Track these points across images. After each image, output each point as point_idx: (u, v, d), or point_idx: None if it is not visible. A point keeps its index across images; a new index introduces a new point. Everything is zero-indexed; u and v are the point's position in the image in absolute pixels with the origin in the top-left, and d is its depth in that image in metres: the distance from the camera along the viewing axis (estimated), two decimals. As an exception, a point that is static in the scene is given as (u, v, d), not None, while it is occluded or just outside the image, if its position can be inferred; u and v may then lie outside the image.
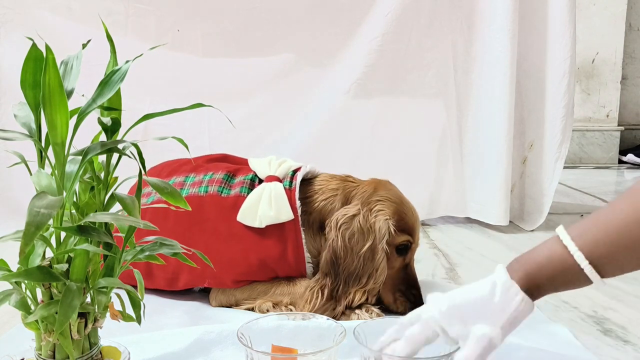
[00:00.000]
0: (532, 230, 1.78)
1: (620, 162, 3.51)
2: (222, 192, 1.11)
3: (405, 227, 1.07)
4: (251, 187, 1.11)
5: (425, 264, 1.43)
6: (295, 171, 1.13)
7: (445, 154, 1.85)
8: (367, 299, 1.05)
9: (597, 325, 1.04)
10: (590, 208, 2.16)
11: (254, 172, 1.14)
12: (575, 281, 0.68)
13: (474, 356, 0.67)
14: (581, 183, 2.75)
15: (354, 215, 1.05)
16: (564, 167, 1.78)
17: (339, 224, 1.04)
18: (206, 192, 1.11)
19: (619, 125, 3.52)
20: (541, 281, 0.69)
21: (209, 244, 1.07)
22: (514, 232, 1.77)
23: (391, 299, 1.09)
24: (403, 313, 1.07)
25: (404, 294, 1.08)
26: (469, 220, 1.88)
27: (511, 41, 1.68)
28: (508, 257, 1.54)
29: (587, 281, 0.67)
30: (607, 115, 3.51)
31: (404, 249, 1.08)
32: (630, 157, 3.47)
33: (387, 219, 1.04)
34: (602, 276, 0.66)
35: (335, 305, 1.03)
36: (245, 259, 1.07)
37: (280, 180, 1.11)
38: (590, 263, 0.65)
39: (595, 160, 3.49)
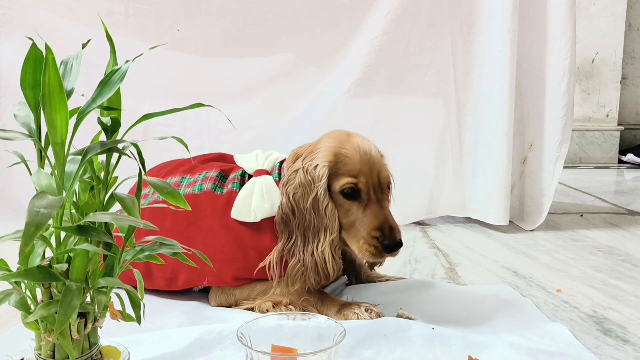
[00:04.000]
0: (532, 230, 1.78)
1: (620, 162, 3.51)
2: (215, 189, 1.12)
3: (346, 170, 1.01)
4: (242, 183, 1.12)
5: (425, 264, 1.43)
6: (282, 162, 1.14)
7: (445, 153, 1.85)
8: (334, 252, 1.01)
9: (597, 325, 1.04)
10: (590, 208, 2.17)
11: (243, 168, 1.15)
12: None
13: None
14: (581, 183, 2.76)
15: (296, 171, 1.04)
16: (564, 167, 1.78)
17: (284, 183, 1.04)
18: (201, 190, 1.12)
19: (619, 125, 3.53)
20: None
21: (207, 243, 1.07)
22: (514, 232, 1.77)
23: (357, 248, 1.01)
24: (372, 261, 1.05)
25: (368, 241, 1.00)
26: (469, 220, 1.88)
27: (511, 41, 1.68)
28: (508, 257, 1.55)
29: None
30: (607, 115, 3.51)
31: (353, 193, 1.01)
32: (630, 157, 3.48)
33: (323, 166, 1.01)
34: None
35: (303, 262, 1.00)
36: (244, 255, 1.07)
37: (269, 173, 1.11)
38: None
39: (595, 160, 3.49)
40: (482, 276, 1.35)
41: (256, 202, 1.06)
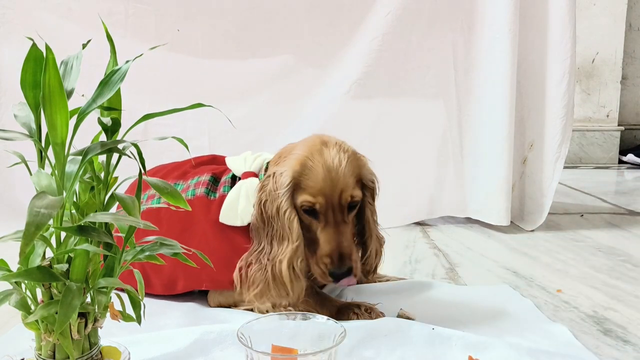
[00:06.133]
0: (532, 230, 1.78)
1: (620, 162, 3.51)
2: (208, 194, 1.11)
3: (307, 186, 0.97)
4: (232, 185, 1.11)
5: (425, 264, 1.43)
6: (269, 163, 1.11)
7: (446, 154, 1.85)
8: (295, 264, 0.97)
9: (597, 325, 1.04)
10: (590, 208, 2.17)
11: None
12: None
13: None
14: (581, 183, 2.75)
15: (269, 176, 1.01)
16: (564, 167, 1.78)
17: (259, 188, 1.02)
18: (194, 195, 1.12)
19: (619, 125, 3.52)
20: None
21: (201, 247, 1.06)
22: (514, 232, 1.77)
23: (311, 266, 0.98)
24: (323, 283, 1.00)
25: (319, 264, 0.97)
26: (469, 220, 1.88)
27: (511, 41, 1.68)
28: (508, 257, 1.55)
29: None
30: (607, 115, 3.51)
31: (311, 211, 0.97)
32: (630, 157, 3.47)
33: (288, 174, 0.97)
34: None
35: (264, 269, 0.98)
36: (239, 259, 1.06)
37: (256, 175, 1.10)
38: None
39: (595, 160, 3.49)
40: (482, 276, 1.35)
41: (242, 206, 1.05)
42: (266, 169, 1.10)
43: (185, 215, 1.10)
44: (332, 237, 0.97)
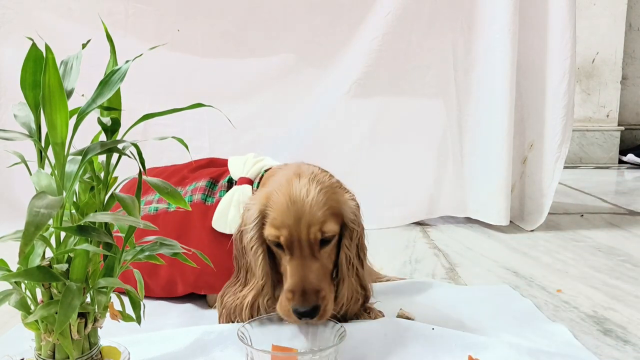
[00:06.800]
0: (532, 230, 1.78)
1: (621, 162, 3.51)
2: (206, 200, 1.11)
3: (271, 219, 0.90)
4: (229, 189, 1.10)
5: (425, 264, 1.43)
6: (268, 170, 1.08)
7: (445, 154, 1.85)
8: (261, 302, 0.92)
9: (597, 325, 1.04)
10: (590, 208, 2.17)
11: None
12: None
13: None
14: (581, 183, 2.76)
15: (245, 210, 0.96)
16: (564, 167, 1.78)
17: (242, 216, 0.98)
18: (191, 201, 1.11)
19: (619, 125, 3.53)
20: None
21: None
22: (514, 232, 1.77)
23: (280, 304, 0.88)
24: (288, 321, 0.88)
25: (282, 300, 0.88)
26: (469, 220, 1.88)
27: (511, 41, 1.68)
28: (508, 257, 1.55)
29: None
30: (607, 115, 3.51)
31: (279, 244, 0.90)
32: (630, 157, 3.48)
33: (255, 209, 0.92)
34: None
35: (234, 303, 0.94)
36: (232, 264, 1.06)
37: (251, 182, 1.08)
38: None
39: (596, 160, 3.49)
40: (482, 276, 1.35)
41: (232, 214, 1.04)
42: (261, 177, 1.07)
43: (181, 221, 1.10)
44: (297, 272, 0.88)
